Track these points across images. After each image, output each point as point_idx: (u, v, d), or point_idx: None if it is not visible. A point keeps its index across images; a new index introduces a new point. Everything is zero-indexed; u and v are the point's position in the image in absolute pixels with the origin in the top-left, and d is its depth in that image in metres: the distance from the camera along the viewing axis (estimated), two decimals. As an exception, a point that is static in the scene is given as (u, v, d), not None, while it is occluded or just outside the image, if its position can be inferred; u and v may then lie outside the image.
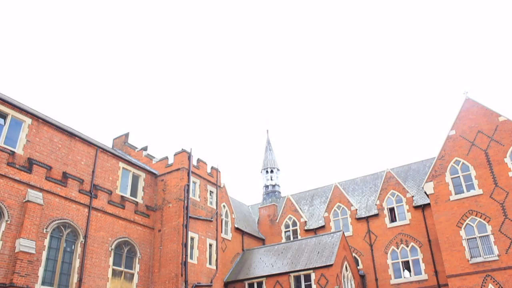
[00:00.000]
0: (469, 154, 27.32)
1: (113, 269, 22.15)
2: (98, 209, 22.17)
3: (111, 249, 22.30)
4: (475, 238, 25.63)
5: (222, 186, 31.81)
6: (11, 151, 18.92)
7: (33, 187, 19.15)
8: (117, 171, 24.28)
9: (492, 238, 25.12)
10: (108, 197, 22.96)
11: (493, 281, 24.27)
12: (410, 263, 30.29)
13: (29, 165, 19.41)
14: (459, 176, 27.32)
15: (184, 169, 25.75)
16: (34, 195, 18.90)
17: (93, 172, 22.59)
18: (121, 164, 24.67)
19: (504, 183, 25.69)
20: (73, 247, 20.58)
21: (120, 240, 22.92)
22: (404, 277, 30.14)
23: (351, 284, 28.81)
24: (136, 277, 23.25)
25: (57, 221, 19.95)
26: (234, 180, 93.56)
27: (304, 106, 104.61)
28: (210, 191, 27.56)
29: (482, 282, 24.55)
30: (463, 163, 27.42)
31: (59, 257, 19.82)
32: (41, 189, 19.48)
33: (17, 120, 19.82)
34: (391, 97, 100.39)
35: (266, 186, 44.17)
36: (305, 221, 36.41)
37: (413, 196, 31.86)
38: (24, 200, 18.54)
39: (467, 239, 25.80)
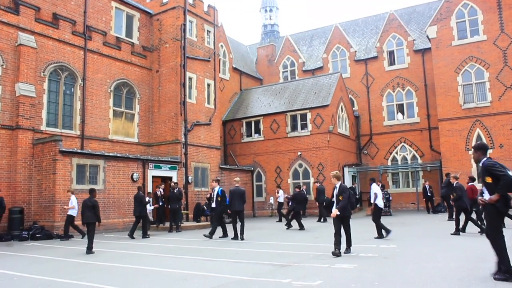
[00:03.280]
0: (480, -4, 25.91)
1: (113, 110, 22.66)
2: (94, 51, 21.75)
3: (110, 91, 22.51)
4: (471, 84, 25.81)
5: (219, 25, 30.79)
6: (-7, -10, 17.80)
7: (23, 29, 18.46)
8: (110, 11, 23.16)
9: (488, 85, 25.32)
10: (103, 38, 22.33)
11: (481, 126, 25.19)
12: (404, 106, 31.05)
13: (15, 6, 18.39)
14: (465, 21, 26.30)
15: (180, 7, 24.60)
16: (26, 38, 18.35)
17: (84, 12, 21.53)
18: (114, 4, 23.38)
19: (510, 29, 24.86)
20: (72, 90, 20.74)
21: (118, 81, 22.98)
22: (397, 119, 31.20)
23: (345, 124, 29.95)
24: (136, 117, 23.92)
25: (53, 65, 19.74)
26: (232, 19, 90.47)
27: None
28: (207, 30, 26.74)
29: (471, 126, 25.49)
30: (471, 6, 26.13)
31: (60, 100, 20.11)
32: (32, 32, 18.82)
33: (-7, -45, 18.17)
34: None
35: (265, 26, 42.76)
36: (303, 62, 36.16)
37: (414, 40, 31.16)
38: (17, 44, 18.07)
39: (463, 85, 26.00)
